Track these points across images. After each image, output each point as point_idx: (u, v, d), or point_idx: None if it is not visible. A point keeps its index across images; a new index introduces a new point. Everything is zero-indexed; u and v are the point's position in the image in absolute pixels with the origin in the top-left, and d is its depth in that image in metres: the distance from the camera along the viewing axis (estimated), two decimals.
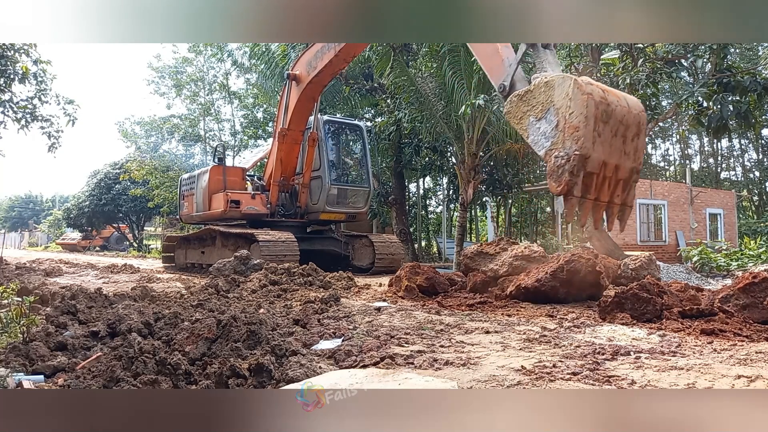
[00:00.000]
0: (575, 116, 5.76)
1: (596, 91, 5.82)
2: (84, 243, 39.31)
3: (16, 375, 3.12)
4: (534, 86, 6.16)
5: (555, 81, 5.96)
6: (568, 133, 5.81)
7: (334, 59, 10.56)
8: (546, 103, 6.07)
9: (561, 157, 5.85)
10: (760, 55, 16.92)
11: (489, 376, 3.12)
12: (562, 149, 5.84)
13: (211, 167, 13.99)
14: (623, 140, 6.13)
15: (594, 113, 5.71)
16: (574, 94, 5.75)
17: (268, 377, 3.06)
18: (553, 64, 6.60)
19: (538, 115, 6.15)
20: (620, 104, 5.98)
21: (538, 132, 6.17)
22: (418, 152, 18.88)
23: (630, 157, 6.20)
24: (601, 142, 5.89)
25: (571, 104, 5.80)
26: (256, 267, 9.40)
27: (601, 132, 5.87)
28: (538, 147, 6.16)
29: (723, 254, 13.64)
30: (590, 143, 5.77)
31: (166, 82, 28.45)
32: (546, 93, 6.04)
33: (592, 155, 5.80)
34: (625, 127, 6.11)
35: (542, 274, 6.55)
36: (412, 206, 27.21)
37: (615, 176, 6.11)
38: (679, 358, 3.56)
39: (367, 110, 21.99)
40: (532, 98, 6.20)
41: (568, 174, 5.79)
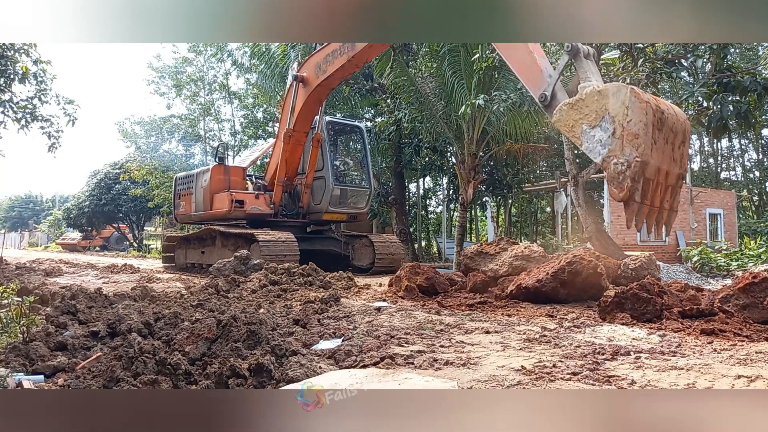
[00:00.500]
0: (634, 124, 5.94)
1: (651, 99, 6.02)
2: (84, 243, 39.29)
3: (16, 375, 3.12)
4: (586, 95, 6.32)
5: (609, 90, 6.14)
6: (627, 140, 5.99)
7: (346, 64, 10.51)
8: (600, 111, 6.21)
9: (621, 164, 6.02)
10: (760, 55, 16.93)
11: (489, 376, 3.12)
12: (622, 156, 6.01)
13: (213, 166, 13.95)
14: (672, 147, 6.34)
15: (652, 121, 5.90)
16: (632, 102, 5.93)
17: (268, 377, 3.06)
18: (595, 74, 6.81)
19: (592, 123, 6.31)
20: (670, 112, 6.20)
21: (593, 140, 6.34)
22: (418, 152, 18.88)
23: (677, 163, 6.41)
24: (656, 149, 6.08)
25: (628, 112, 5.97)
26: (256, 267, 9.40)
27: (657, 139, 6.07)
28: (594, 154, 6.33)
29: (723, 254, 13.64)
30: (649, 150, 5.96)
31: (166, 82, 28.46)
32: (599, 101, 6.20)
33: (651, 161, 5.99)
34: (674, 135, 6.32)
35: (543, 275, 6.55)
36: (412, 206, 27.20)
37: (666, 182, 6.31)
38: (679, 358, 3.56)
39: (367, 110, 21.99)
40: (585, 107, 6.36)
41: (630, 180, 5.97)
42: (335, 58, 10.68)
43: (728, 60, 11.71)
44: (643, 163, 5.93)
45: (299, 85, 11.91)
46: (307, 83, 11.69)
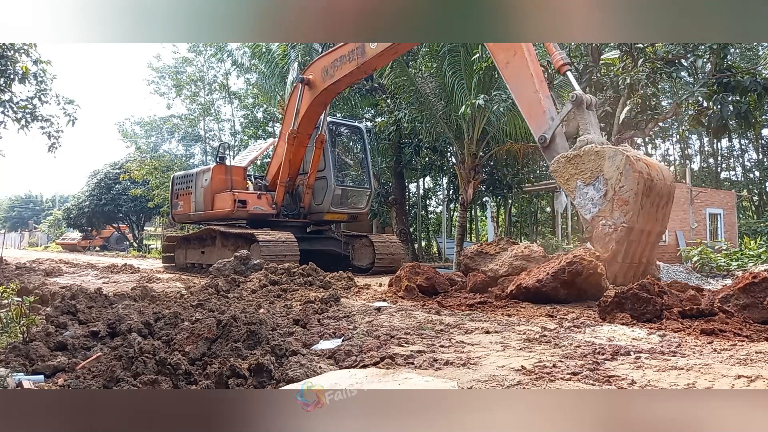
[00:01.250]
0: (625, 191, 6.29)
1: (644, 168, 6.36)
2: (84, 243, 39.28)
3: (16, 375, 3.12)
4: (584, 152, 6.65)
5: (606, 152, 6.46)
6: (617, 204, 6.37)
7: (355, 71, 10.50)
8: (595, 170, 6.55)
9: (609, 226, 6.42)
10: (760, 55, 16.92)
11: (489, 376, 3.12)
12: (611, 218, 6.40)
13: (214, 166, 13.92)
14: (657, 209, 6.73)
15: (642, 190, 6.27)
16: (626, 170, 6.28)
17: (268, 377, 3.06)
18: (595, 126, 7.18)
19: (586, 181, 6.69)
20: (659, 177, 6.57)
21: (586, 197, 6.74)
22: (418, 152, 18.88)
23: (659, 222, 6.83)
24: (643, 213, 6.47)
25: (622, 178, 6.33)
26: (256, 267, 9.40)
27: (644, 204, 6.47)
28: (584, 211, 6.71)
29: (723, 254, 13.64)
30: (636, 217, 6.33)
31: (166, 82, 28.50)
32: (596, 162, 6.54)
33: (636, 227, 6.36)
34: (660, 197, 6.72)
35: (543, 275, 6.54)
36: (412, 206, 27.20)
37: (647, 240, 6.67)
38: (679, 358, 3.56)
39: (367, 110, 21.99)
40: (581, 163, 6.70)
41: (615, 243, 6.39)
42: (344, 63, 10.65)
43: (728, 60, 11.72)
44: (629, 229, 6.32)
45: (305, 88, 11.90)
46: (312, 86, 11.68)
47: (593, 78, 11.64)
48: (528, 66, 7.77)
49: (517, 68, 7.96)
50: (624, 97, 11.67)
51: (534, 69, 7.81)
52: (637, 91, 11.11)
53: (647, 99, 11.41)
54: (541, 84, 7.75)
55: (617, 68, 12.06)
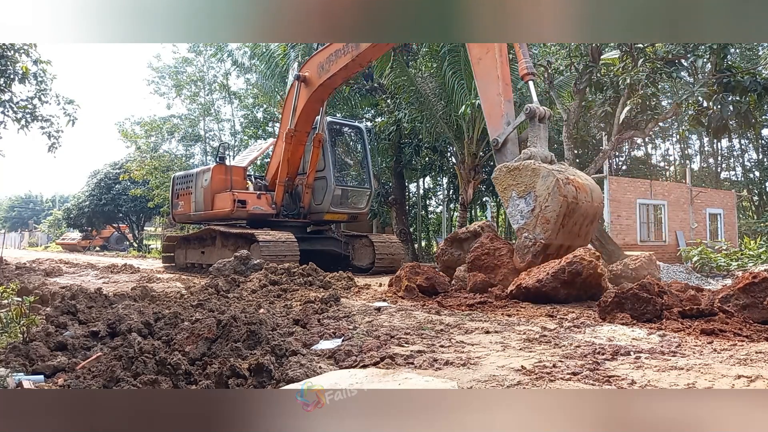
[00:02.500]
0: (549, 211, 6.86)
1: (570, 191, 6.92)
2: (84, 243, 39.27)
3: (16, 375, 3.12)
4: (523, 167, 7.16)
5: (541, 171, 6.96)
6: (540, 221, 6.93)
7: (350, 63, 10.53)
8: (529, 186, 7.08)
9: (529, 239, 7.00)
10: (760, 55, 16.92)
11: (489, 376, 3.12)
12: (532, 233, 6.98)
13: (214, 166, 13.92)
14: (580, 227, 7.31)
15: (564, 212, 6.85)
16: (553, 192, 6.83)
17: (268, 377, 3.06)
18: (542, 139, 7.69)
19: (520, 194, 7.22)
20: (586, 200, 7.15)
21: (517, 208, 7.27)
22: (418, 152, 18.88)
23: (581, 238, 7.40)
24: (563, 231, 7.05)
25: (549, 200, 6.88)
26: (256, 267, 9.40)
27: (566, 224, 7.04)
28: (513, 220, 7.26)
29: (723, 254, 13.64)
30: (555, 235, 6.94)
31: (166, 82, 28.49)
32: (531, 178, 7.05)
33: (554, 243, 6.98)
34: (584, 217, 7.25)
35: (543, 275, 6.54)
36: (412, 206, 27.20)
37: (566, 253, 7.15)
38: (679, 358, 3.56)
39: (367, 110, 21.99)
40: (519, 176, 7.21)
41: (531, 256, 6.98)
42: (338, 57, 10.69)
43: (728, 60, 11.72)
44: (545, 245, 6.88)
45: (301, 85, 11.91)
46: (309, 83, 11.69)
47: (593, 78, 11.63)
48: (496, 67, 8.16)
49: (487, 67, 8.34)
50: (624, 97, 11.66)
51: (501, 71, 8.17)
52: (637, 91, 11.10)
53: (647, 99, 11.41)
54: (506, 87, 8.13)
55: (617, 68, 12.06)
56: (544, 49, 16.08)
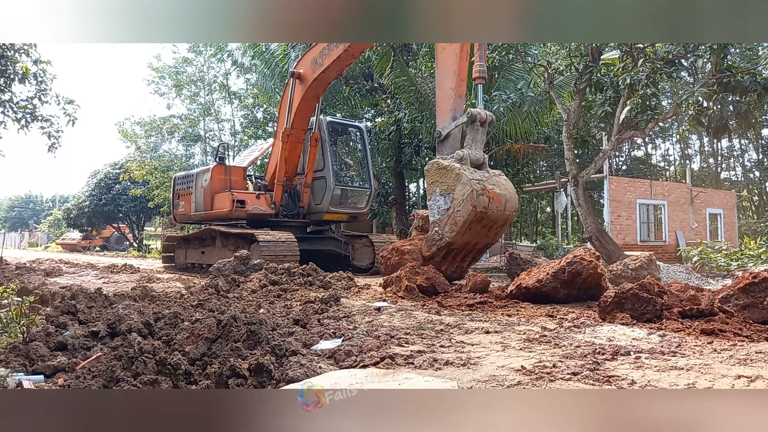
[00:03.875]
0: (459, 215, 7.49)
1: (482, 201, 7.50)
2: (84, 243, 39.25)
3: (16, 375, 3.13)
4: (450, 168, 7.75)
5: (462, 178, 7.57)
6: (450, 222, 7.58)
7: (342, 54, 10.59)
8: (451, 187, 7.69)
9: (438, 234, 7.71)
10: (760, 55, 16.91)
11: (489, 376, 3.12)
12: (441, 230, 7.67)
13: (214, 166, 13.92)
14: (489, 229, 7.93)
15: (472, 219, 7.47)
16: (466, 200, 7.43)
17: (268, 377, 3.06)
18: (479, 143, 8.26)
19: (442, 192, 7.86)
20: (498, 209, 7.75)
21: (436, 203, 7.91)
22: (418, 152, 18.87)
23: (489, 237, 8.03)
24: (470, 232, 7.69)
25: (461, 206, 7.48)
26: (256, 267, 9.40)
27: (473, 227, 7.67)
28: (431, 213, 7.94)
29: (723, 254, 13.65)
30: (460, 236, 7.65)
31: (166, 82, 28.47)
32: (454, 181, 7.64)
33: (458, 242, 7.71)
34: (494, 222, 7.86)
35: (543, 275, 6.55)
36: (412, 206, 27.19)
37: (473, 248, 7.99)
38: (679, 358, 3.56)
39: (367, 110, 21.99)
40: (445, 176, 7.80)
41: (435, 248, 7.72)
42: (331, 50, 10.77)
43: (728, 60, 11.71)
44: (449, 242, 7.63)
45: (296, 82, 11.91)
46: (304, 79, 11.70)
47: (593, 78, 11.63)
48: (455, 62, 8.61)
49: (446, 58, 8.78)
50: (624, 97, 11.66)
51: (459, 67, 8.61)
52: (637, 91, 11.10)
53: (647, 99, 11.40)
54: (460, 83, 8.61)
55: (617, 68, 12.06)
56: (544, 49, 16.09)
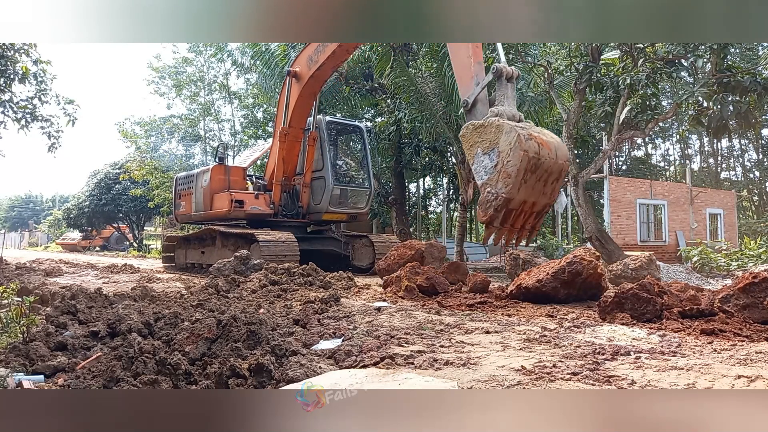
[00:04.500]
0: (510, 165, 6.85)
1: (532, 147, 6.91)
2: (84, 243, 39.24)
3: (16, 375, 3.12)
4: (488, 123, 7.21)
5: (504, 127, 6.99)
6: (502, 176, 6.96)
7: (337, 50, 10.60)
8: (493, 142, 7.14)
9: (491, 194, 7.01)
10: (760, 55, 16.92)
11: (489, 376, 3.12)
12: (494, 188, 6.99)
13: (213, 166, 13.94)
14: (544, 183, 7.29)
15: (526, 166, 6.81)
16: (515, 147, 6.83)
17: (268, 377, 3.06)
18: (510, 98, 7.68)
19: (485, 150, 7.28)
20: (550, 156, 7.13)
21: (481, 164, 7.33)
22: (418, 152, 18.87)
23: (547, 195, 7.37)
24: (526, 186, 7.05)
25: (510, 154, 6.89)
26: (256, 267, 9.40)
27: (528, 179, 7.03)
28: (477, 177, 7.31)
29: (723, 254, 13.64)
30: (516, 189, 6.91)
31: (166, 82, 28.45)
32: (495, 134, 7.09)
33: (516, 197, 6.96)
34: (548, 174, 7.25)
35: (543, 275, 6.55)
36: (412, 206, 27.20)
37: (531, 209, 7.30)
38: (679, 358, 3.56)
39: (367, 110, 21.98)
40: (484, 133, 7.27)
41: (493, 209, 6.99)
42: (326, 46, 10.76)
43: (728, 60, 11.70)
44: (507, 199, 6.86)
45: (292, 81, 11.93)
46: (300, 77, 11.71)
47: (593, 78, 11.63)
48: None
49: None
50: (624, 97, 11.66)
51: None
52: (637, 91, 11.09)
53: (647, 99, 11.39)
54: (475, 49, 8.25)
55: (617, 68, 12.05)
56: (544, 49, 16.09)
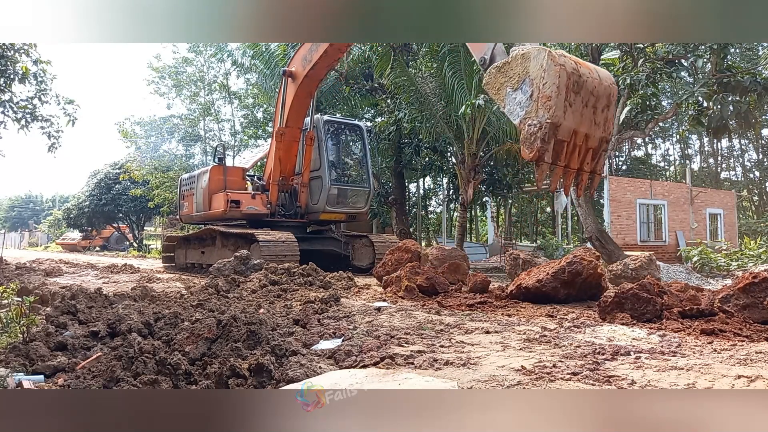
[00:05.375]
0: (548, 86, 5.92)
1: (569, 63, 6.01)
2: (84, 243, 39.25)
3: (16, 375, 3.12)
4: (512, 58, 6.34)
5: (531, 53, 6.13)
6: (541, 102, 6.00)
7: (329, 49, 10.60)
8: (522, 74, 6.24)
9: (534, 125, 6.03)
10: (760, 55, 16.91)
11: (489, 376, 3.12)
12: (536, 118, 6.02)
13: (212, 167, 14.00)
14: (594, 111, 6.32)
15: (566, 83, 5.91)
16: (548, 65, 5.93)
17: (268, 377, 3.06)
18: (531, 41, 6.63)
19: (514, 86, 6.33)
20: (592, 76, 6.19)
21: (514, 102, 6.34)
22: (418, 152, 18.87)
23: (600, 127, 6.38)
24: (572, 111, 6.07)
25: (545, 75, 5.97)
26: (256, 267, 9.40)
27: (573, 102, 6.07)
28: (513, 116, 6.34)
29: (723, 254, 13.64)
30: (561, 112, 5.94)
31: (166, 82, 28.44)
32: (522, 65, 6.22)
33: (563, 123, 5.98)
34: (596, 98, 6.30)
35: (543, 275, 6.55)
36: (412, 206, 27.20)
37: (585, 145, 6.31)
38: (679, 358, 3.56)
39: (367, 110, 21.97)
40: (510, 70, 6.38)
41: (540, 141, 5.97)
42: (319, 46, 10.76)
43: (728, 60, 11.71)
44: (553, 124, 5.90)
45: (288, 81, 11.94)
46: (295, 77, 11.73)
47: None
48: None
49: None
50: (624, 97, 11.66)
51: None
52: (637, 91, 11.10)
53: (647, 99, 11.40)
54: None
55: (617, 68, 12.05)
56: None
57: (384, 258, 9.85)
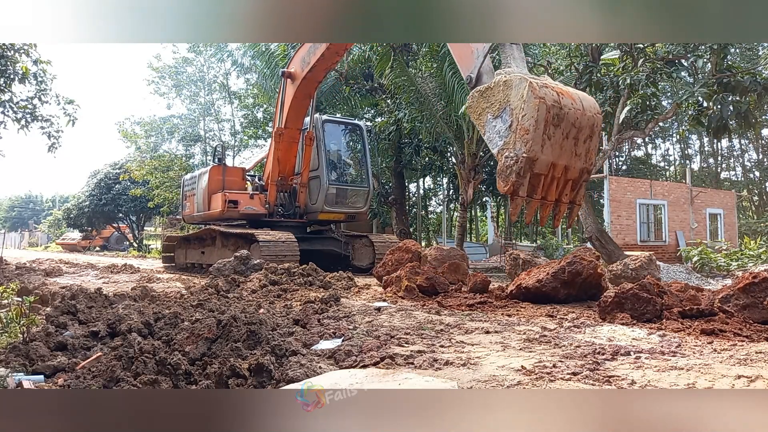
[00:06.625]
0: (527, 119, 5.80)
1: (549, 94, 5.87)
2: (84, 243, 39.24)
3: (16, 375, 3.13)
4: (494, 84, 6.20)
5: (513, 81, 6.00)
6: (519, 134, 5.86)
7: (326, 53, 10.59)
8: (503, 102, 6.10)
9: (510, 158, 5.91)
10: (760, 55, 16.92)
11: (489, 376, 3.12)
12: (513, 150, 5.89)
13: (211, 167, 14.03)
14: (575, 142, 6.20)
15: (545, 117, 5.77)
16: (528, 96, 5.79)
17: (268, 377, 3.06)
18: (518, 59, 6.60)
19: (495, 113, 6.18)
20: (574, 107, 6.05)
21: (494, 130, 6.20)
22: (418, 152, 18.88)
23: (581, 158, 6.27)
24: (551, 144, 5.94)
25: (524, 107, 5.84)
26: (256, 267, 9.40)
27: (552, 135, 5.93)
28: (492, 145, 6.21)
29: (723, 254, 13.64)
30: (539, 146, 5.83)
31: (166, 82, 28.47)
32: (504, 92, 6.08)
33: (541, 158, 5.87)
34: (578, 130, 6.16)
35: (543, 275, 6.55)
36: (412, 206, 27.20)
37: (564, 176, 6.19)
38: (679, 358, 3.56)
39: (367, 110, 21.98)
40: (492, 96, 6.23)
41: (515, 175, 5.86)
42: (317, 48, 10.75)
43: (728, 60, 11.70)
44: (529, 159, 5.79)
45: (287, 82, 11.95)
46: (294, 78, 11.74)
47: (593, 78, 11.63)
48: None
49: None
50: (624, 97, 11.66)
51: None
52: (637, 91, 11.09)
53: (647, 99, 11.39)
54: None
55: (617, 68, 12.05)
56: (544, 49, 16.08)
57: (384, 258, 9.84)
